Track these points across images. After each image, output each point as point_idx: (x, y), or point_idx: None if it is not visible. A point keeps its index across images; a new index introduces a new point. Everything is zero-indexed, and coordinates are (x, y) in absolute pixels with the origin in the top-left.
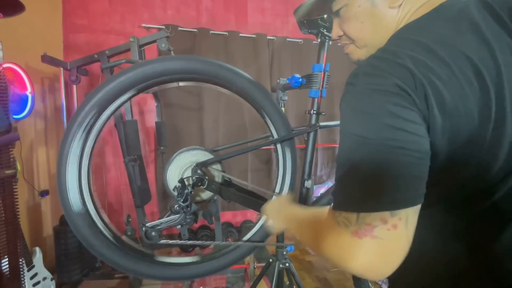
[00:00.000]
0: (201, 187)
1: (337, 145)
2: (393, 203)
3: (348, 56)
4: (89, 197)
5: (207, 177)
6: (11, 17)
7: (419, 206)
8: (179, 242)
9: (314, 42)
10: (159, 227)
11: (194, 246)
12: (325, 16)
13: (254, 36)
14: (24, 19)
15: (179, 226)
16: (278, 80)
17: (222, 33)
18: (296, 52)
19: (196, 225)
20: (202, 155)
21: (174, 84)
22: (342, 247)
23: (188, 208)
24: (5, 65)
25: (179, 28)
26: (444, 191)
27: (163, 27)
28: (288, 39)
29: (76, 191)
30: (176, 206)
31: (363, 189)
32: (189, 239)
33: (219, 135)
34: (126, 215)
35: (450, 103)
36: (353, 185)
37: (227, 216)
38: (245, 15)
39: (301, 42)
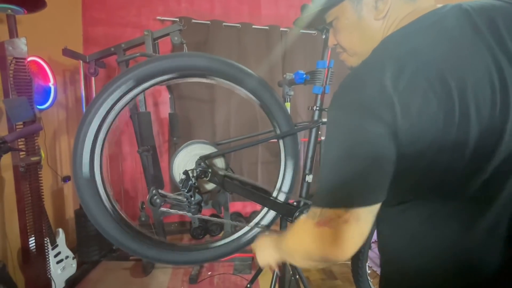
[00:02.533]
0: (205, 179)
1: None
2: (346, 202)
3: None
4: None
5: (210, 170)
6: (34, 13)
7: (374, 207)
8: (179, 212)
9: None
10: (165, 198)
11: (204, 234)
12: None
13: (267, 27)
14: (46, 14)
15: (190, 214)
16: (284, 75)
17: (235, 25)
18: (309, 44)
19: (207, 215)
20: (206, 149)
21: (180, 80)
22: (306, 235)
23: (192, 198)
24: (29, 59)
25: (193, 21)
26: (415, 188)
27: (177, 19)
28: (301, 31)
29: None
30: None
31: (325, 189)
32: (199, 226)
33: (231, 127)
34: (140, 202)
35: (415, 110)
36: (319, 185)
37: (237, 206)
38: (258, 6)
39: (315, 33)
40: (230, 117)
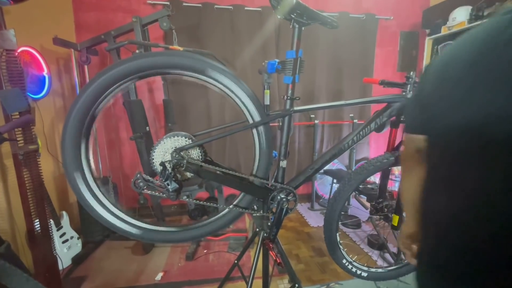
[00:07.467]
0: (181, 168)
1: (343, 123)
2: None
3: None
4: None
5: (185, 161)
6: (21, 3)
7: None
8: (161, 195)
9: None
10: (148, 183)
11: (202, 215)
12: (296, 1)
13: (260, 9)
14: (36, 2)
15: (187, 199)
16: (263, 63)
17: (227, 7)
18: None
19: (204, 197)
20: (183, 140)
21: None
22: None
23: (169, 186)
24: (20, 49)
25: (184, 4)
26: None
27: (168, 3)
28: None
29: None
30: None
31: None
32: (196, 208)
33: (225, 111)
34: None
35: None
36: None
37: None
38: None
39: None
40: (224, 101)
